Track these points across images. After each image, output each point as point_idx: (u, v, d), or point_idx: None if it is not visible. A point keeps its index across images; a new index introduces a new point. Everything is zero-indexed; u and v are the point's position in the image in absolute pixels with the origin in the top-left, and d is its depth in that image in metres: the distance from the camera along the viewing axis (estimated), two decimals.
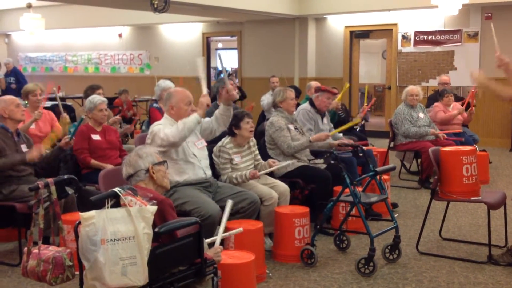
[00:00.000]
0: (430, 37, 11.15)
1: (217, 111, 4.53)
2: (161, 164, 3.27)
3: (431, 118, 7.40)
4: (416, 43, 11.34)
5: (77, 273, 2.86)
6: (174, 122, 4.25)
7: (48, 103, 7.65)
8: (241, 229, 3.57)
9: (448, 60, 10.99)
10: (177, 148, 4.21)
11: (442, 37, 10.99)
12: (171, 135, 4.08)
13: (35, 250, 3.04)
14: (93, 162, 5.15)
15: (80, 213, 2.64)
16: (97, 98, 5.40)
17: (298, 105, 6.34)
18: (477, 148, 7.01)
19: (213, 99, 7.00)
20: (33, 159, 4.54)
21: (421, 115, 7.22)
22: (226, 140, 4.79)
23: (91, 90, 6.34)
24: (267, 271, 4.16)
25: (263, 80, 12.02)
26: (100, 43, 16.08)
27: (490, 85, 4.30)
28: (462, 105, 7.76)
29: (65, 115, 5.86)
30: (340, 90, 7.56)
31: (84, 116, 5.35)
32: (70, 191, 3.77)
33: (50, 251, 3.06)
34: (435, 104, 7.77)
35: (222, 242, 3.46)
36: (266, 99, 9.43)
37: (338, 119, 7.42)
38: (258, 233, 4.09)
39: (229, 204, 3.57)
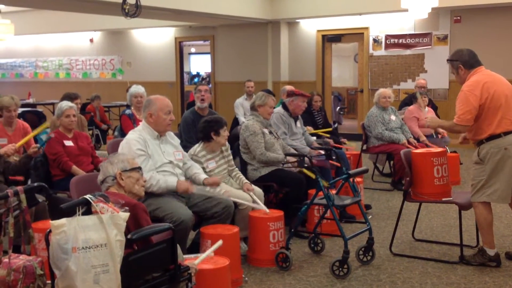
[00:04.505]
0: (400, 41, 11.30)
1: (194, 182, 4.38)
2: (134, 171, 3.24)
3: (403, 121, 7.48)
4: (387, 46, 11.47)
5: (49, 282, 2.83)
6: (151, 130, 4.21)
7: (19, 110, 7.46)
8: (220, 242, 3.57)
9: (419, 63, 11.14)
10: None
11: (413, 40, 11.14)
12: (152, 183, 4.01)
13: (5, 260, 2.99)
14: (74, 168, 5.07)
15: (51, 221, 2.61)
16: (64, 104, 5.32)
17: None
18: (448, 150, 7.11)
19: (191, 104, 6.91)
20: (6, 153, 4.55)
21: (393, 117, 7.30)
22: (198, 148, 4.74)
23: (69, 99, 6.24)
24: (243, 275, 4.16)
25: (236, 84, 12.03)
26: (71, 48, 15.89)
27: (443, 124, 4.96)
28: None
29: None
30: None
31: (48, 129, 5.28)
32: (40, 198, 3.72)
33: (20, 260, 3.03)
34: (408, 108, 7.81)
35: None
36: (239, 103, 9.42)
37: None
38: (235, 238, 4.07)
39: (218, 244, 3.53)
